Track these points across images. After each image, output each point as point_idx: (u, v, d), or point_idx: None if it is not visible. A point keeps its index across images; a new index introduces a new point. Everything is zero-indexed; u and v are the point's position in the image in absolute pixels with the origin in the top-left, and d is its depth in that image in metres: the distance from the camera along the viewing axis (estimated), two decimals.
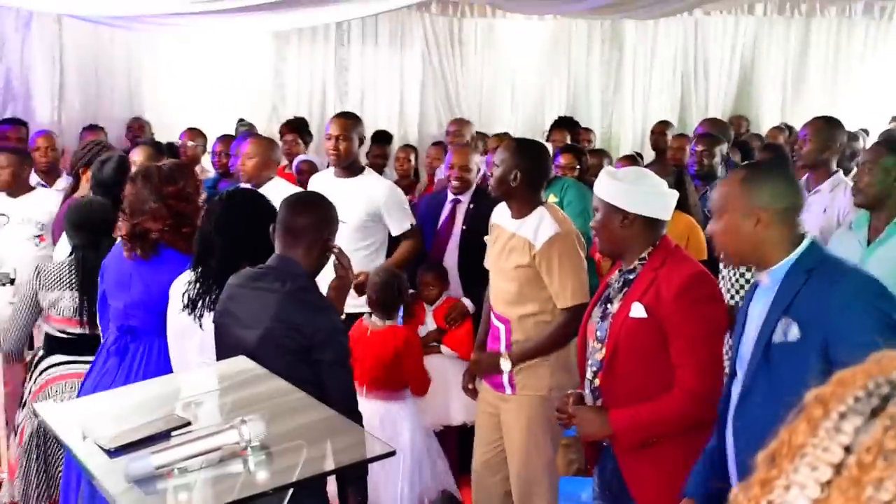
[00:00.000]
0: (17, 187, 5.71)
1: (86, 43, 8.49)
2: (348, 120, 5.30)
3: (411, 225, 5.29)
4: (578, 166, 6.22)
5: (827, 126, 5.07)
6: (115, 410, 2.76)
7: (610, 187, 3.15)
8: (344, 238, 4.87)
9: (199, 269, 3.43)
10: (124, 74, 8.71)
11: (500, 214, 4.18)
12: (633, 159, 6.58)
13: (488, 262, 4.25)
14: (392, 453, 2.43)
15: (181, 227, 3.71)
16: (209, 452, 2.27)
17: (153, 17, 7.07)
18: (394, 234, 5.26)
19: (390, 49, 9.75)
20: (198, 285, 3.40)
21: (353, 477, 3.00)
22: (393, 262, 5.15)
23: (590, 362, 3.21)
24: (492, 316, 4.17)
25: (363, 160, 7.92)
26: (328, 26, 9.37)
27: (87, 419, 2.61)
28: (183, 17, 7.10)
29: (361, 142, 5.41)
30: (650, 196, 3.14)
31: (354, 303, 4.76)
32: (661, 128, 8.67)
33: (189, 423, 2.47)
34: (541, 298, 3.96)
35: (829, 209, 4.74)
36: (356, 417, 2.96)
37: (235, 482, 2.29)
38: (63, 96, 8.43)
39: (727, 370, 2.88)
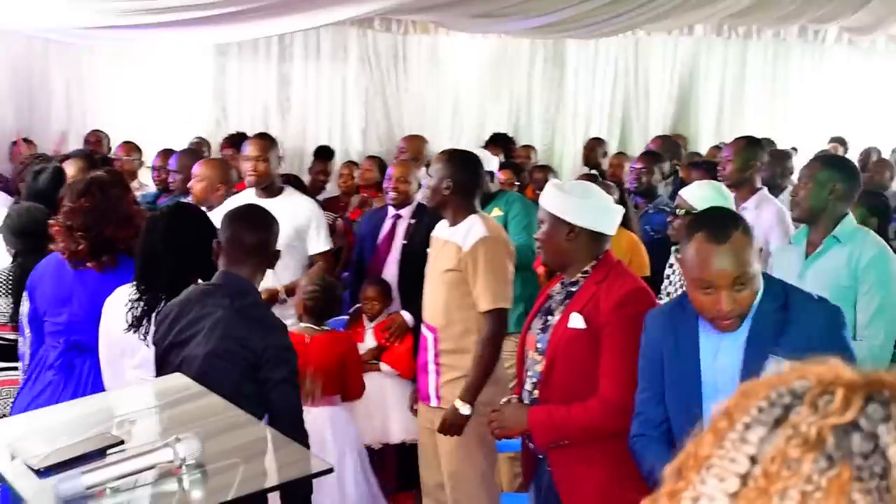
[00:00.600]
0: None
1: (20, 54, 8.33)
2: (265, 141, 5.31)
3: (328, 248, 5.32)
4: (517, 182, 6.27)
5: (747, 145, 5.23)
6: (46, 429, 2.70)
7: (557, 200, 3.16)
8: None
9: (143, 286, 3.35)
10: (61, 87, 8.57)
11: (439, 227, 4.24)
12: (592, 178, 6.63)
13: (425, 274, 4.28)
14: (330, 470, 2.41)
15: (136, 235, 3.66)
16: (143, 471, 2.23)
17: (91, 31, 6.97)
18: (310, 251, 5.21)
19: (332, 64, 9.72)
20: (142, 303, 3.33)
21: (299, 497, 2.94)
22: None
23: (529, 373, 3.21)
24: (422, 326, 4.19)
25: (305, 176, 7.95)
26: (270, 41, 9.32)
27: (16, 438, 2.54)
28: (121, 30, 7.01)
29: (279, 162, 5.44)
30: (597, 210, 3.16)
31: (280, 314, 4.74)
32: (594, 144, 8.81)
33: (122, 442, 2.42)
34: (466, 305, 3.96)
35: (755, 224, 4.81)
36: (302, 435, 2.94)
37: (170, 501, 2.26)
38: None
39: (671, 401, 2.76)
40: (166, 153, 6.74)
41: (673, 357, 2.68)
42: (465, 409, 3.87)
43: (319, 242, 5.25)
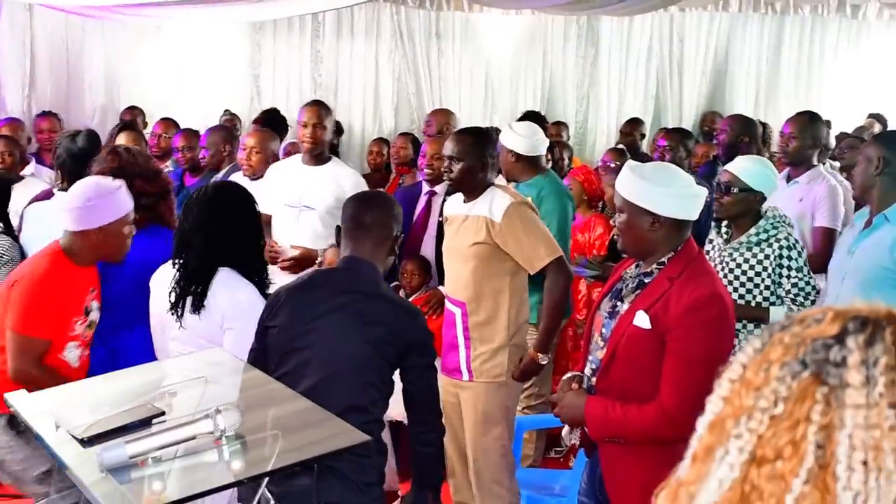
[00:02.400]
0: None
1: (58, 32, 8.44)
2: (322, 108, 5.30)
3: None
4: (549, 159, 6.25)
5: (812, 122, 5.07)
6: (89, 400, 2.75)
7: (637, 188, 2.93)
8: (313, 223, 4.93)
9: (179, 267, 3.36)
10: (98, 64, 8.66)
11: (451, 205, 4.32)
12: (621, 153, 6.58)
13: (444, 252, 4.33)
14: (368, 442, 2.43)
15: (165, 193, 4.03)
16: (184, 442, 2.27)
17: (128, 8, 7.00)
18: None
19: (366, 41, 9.73)
20: (180, 286, 3.34)
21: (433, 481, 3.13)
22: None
23: (591, 358, 3.10)
24: (446, 302, 4.23)
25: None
26: (304, 18, 9.35)
27: (60, 409, 2.59)
28: (159, 7, 7.04)
29: (334, 130, 5.44)
30: (680, 198, 2.93)
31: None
32: (632, 126, 8.75)
33: (164, 413, 2.46)
34: (497, 274, 4.04)
35: (804, 199, 4.76)
36: (439, 417, 3.07)
37: (210, 471, 2.29)
38: (34, 85, 8.36)
39: None
40: (187, 133, 6.76)
41: None
42: (544, 360, 4.11)
43: None
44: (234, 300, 3.21)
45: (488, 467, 4.11)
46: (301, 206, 4.93)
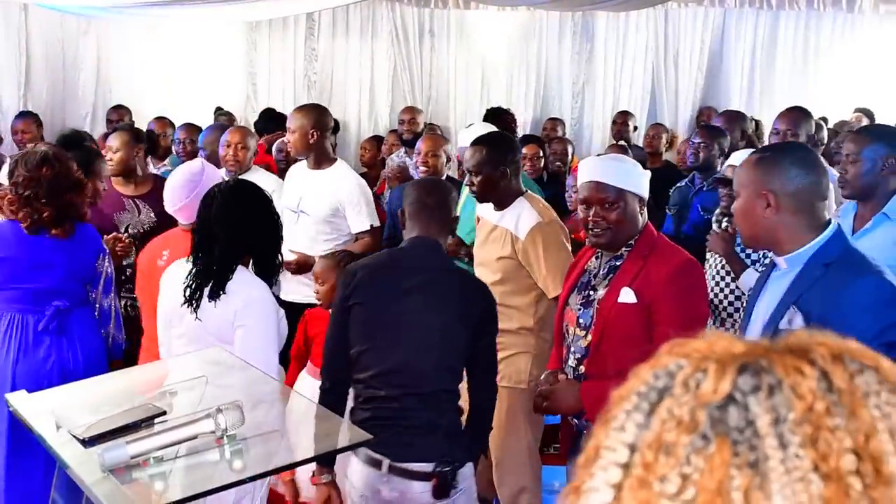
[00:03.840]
0: None
1: (53, 31, 8.44)
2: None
3: (371, 226, 5.11)
4: (542, 155, 6.28)
5: (803, 115, 5.12)
6: (90, 400, 2.75)
7: (619, 172, 3.12)
8: (308, 229, 4.92)
9: (198, 261, 3.34)
10: (93, 63, 8.65)
11: (484, 206, 4.25)
12: (623, 150, 6.60)
13: (475, 256, 4.32)
14: (369, 440, 2.44)
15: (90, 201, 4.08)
16: (185, 441, 2.27)
17: (124, 8, 7.00)
18: (352, 230, 5.06)
19: (360, 40, 9.74)
20: (197, 278, 3.31)
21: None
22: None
23: (572, 350, 3.15)
24: None
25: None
26: (298, 17, 9.35)
27: (61, 409, 2.60)
28: (154, 7, 7.04)
29: (334, 130, 5.40)
30: (643, 176, 3.15)
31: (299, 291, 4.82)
32: (623, 118, 8.78)
33: (165, 413, 2.46)
34: (524, 288, 4.01)
35: None
36: (495, 377, 3.32)
37: (212, 471, 2.30)
38: (29, 84, 8.36)
39: None
40: (188, 127, 6.77)
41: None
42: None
43: (363, 221, 5.05)
44: (248, 296, 3.21)
45: (513, 468, 4.10)
46: (299, 211, 4.94)
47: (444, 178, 5.53)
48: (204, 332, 3.23)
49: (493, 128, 5.03)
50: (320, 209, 4.96)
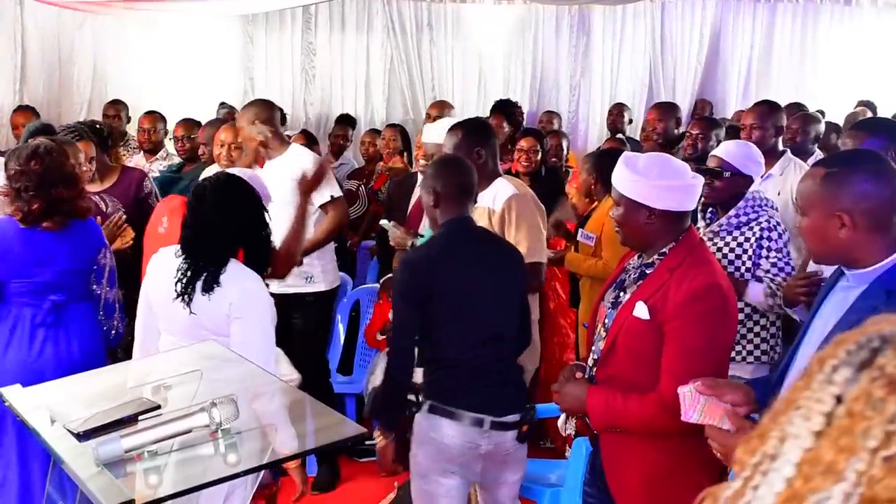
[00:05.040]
0: None
1: (49, 25, 8.44)
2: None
3: (332, 196, 5.08)
4: (539, 148, 6.26)
5: (771, 109, 5.15)
6: (84, 394, 2.75)
7: (631, 182, 2.91)
8: (275, 215, 4.89)
9: (188, 255, 3.33)
10: (89, 58, 8.64)
11: None
12: (620, 143, 6.57)
13: None
14: (363, 435, 2.44)
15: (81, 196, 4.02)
16: (179, 435, 2.27)
17: (120, 2, 6.99)
18: (316, 204, 4.97)
19: (357, 33, 9.73)
20: (189, 272, 3.30)
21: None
22: (321, 234, 5.06)
23: (594, 349, 3.08)
24: None
25: (325, 144, 7.98)
26: (295, 11, 9.34)
27: (55, 403, 2.59)
28: (151, 1, 7.03)
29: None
30: (675, 190, 2.90)
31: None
32: (619, 109, 8.77)
33: (159, 407, 2.46)
34: None
35: (782, 192, 4.74)
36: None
37: (206, 465, 2.30)
38: (24, 79, 8.35)
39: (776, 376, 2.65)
40: (186, 123, 6.74)
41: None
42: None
43: (324, 192, 4.96)
44: (243, 288, 3.21)
45: None
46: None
47: None
48: (198, 327, 3.22)
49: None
50: (283, 191, 4.81)
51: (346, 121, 8.67)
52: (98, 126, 5.58)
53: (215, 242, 3.27)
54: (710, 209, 4.10)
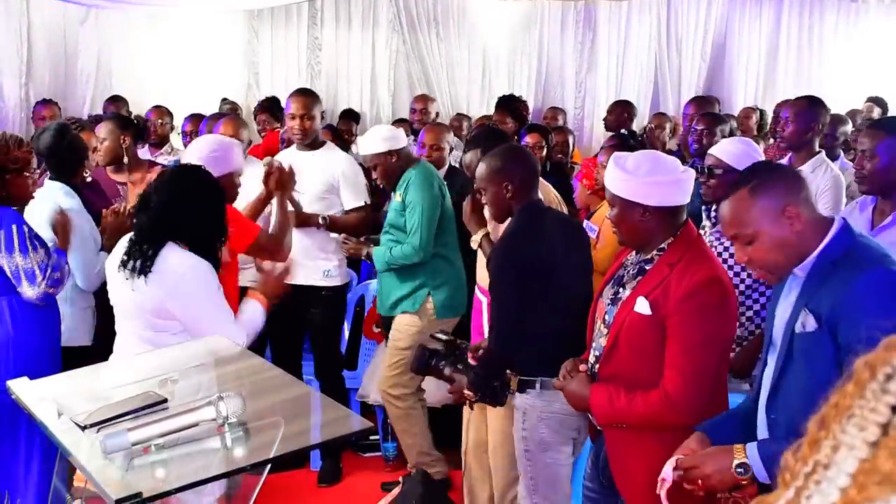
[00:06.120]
0: None
1: (54, 20, 8.43)
2: (308, 98, 5.29)
3: (364, 202, 5.22)
4: (545, 145, 6.25)
5: (810, 106, 4.99)
6: (91, 388, 2.75)
7: (622, 181, 2.92)
8: (305, 208, 5.02)
9: (138, 240, 3.37)
10: (94, 52, 8.64)
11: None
12: (623, 139, 6.55)
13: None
14: (370, 430, 2.44)
15: None
16: (186, 428, 2.27)
17: None
18: (345, 207, 5.16)
19: (362, 28, 9.73)
20: (129, 253, 3.34)
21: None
22: (340, 221, 5.16)
23: (594, 345, 3.09)
24: (476, 290, 4.25)
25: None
26: (301, 5, 9.34)
27: (62, 396, 2.60)
28: None
29: (322, 118, 5.46)
30: (666, 185, 2.91)
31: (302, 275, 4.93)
32: (622, 108, 8.68)
33: (166, 400, 2.46)
34: None
35: None
36: None
37: (213, 458, 2.30)
38: (31, 73, 8.35)
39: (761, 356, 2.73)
40: (196, 118, 6.76)
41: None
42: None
43: (356, 198, 5.18)
44: (176, 275, 3.22)
45: (508, 457, 4.08)
46: (294, 191, 4.96)
47: (446, 167, 5.55)
48: (140, 308, 3.25)
49: (387, 131, 5.02)
50: (316, 187, 5.06)
51: (351, 115, 8.69)
52: (135, 120, 5.63)
53: (152, 220, 3.32)
54: (714, 210, 4.06)
